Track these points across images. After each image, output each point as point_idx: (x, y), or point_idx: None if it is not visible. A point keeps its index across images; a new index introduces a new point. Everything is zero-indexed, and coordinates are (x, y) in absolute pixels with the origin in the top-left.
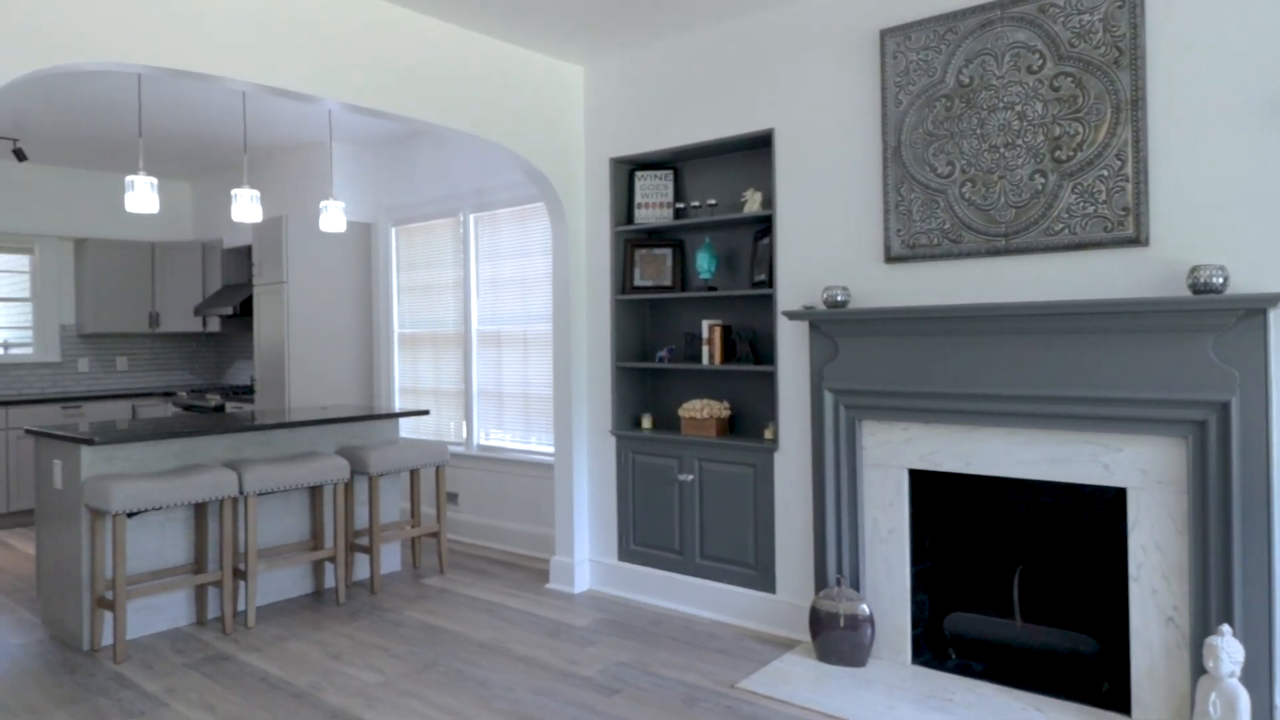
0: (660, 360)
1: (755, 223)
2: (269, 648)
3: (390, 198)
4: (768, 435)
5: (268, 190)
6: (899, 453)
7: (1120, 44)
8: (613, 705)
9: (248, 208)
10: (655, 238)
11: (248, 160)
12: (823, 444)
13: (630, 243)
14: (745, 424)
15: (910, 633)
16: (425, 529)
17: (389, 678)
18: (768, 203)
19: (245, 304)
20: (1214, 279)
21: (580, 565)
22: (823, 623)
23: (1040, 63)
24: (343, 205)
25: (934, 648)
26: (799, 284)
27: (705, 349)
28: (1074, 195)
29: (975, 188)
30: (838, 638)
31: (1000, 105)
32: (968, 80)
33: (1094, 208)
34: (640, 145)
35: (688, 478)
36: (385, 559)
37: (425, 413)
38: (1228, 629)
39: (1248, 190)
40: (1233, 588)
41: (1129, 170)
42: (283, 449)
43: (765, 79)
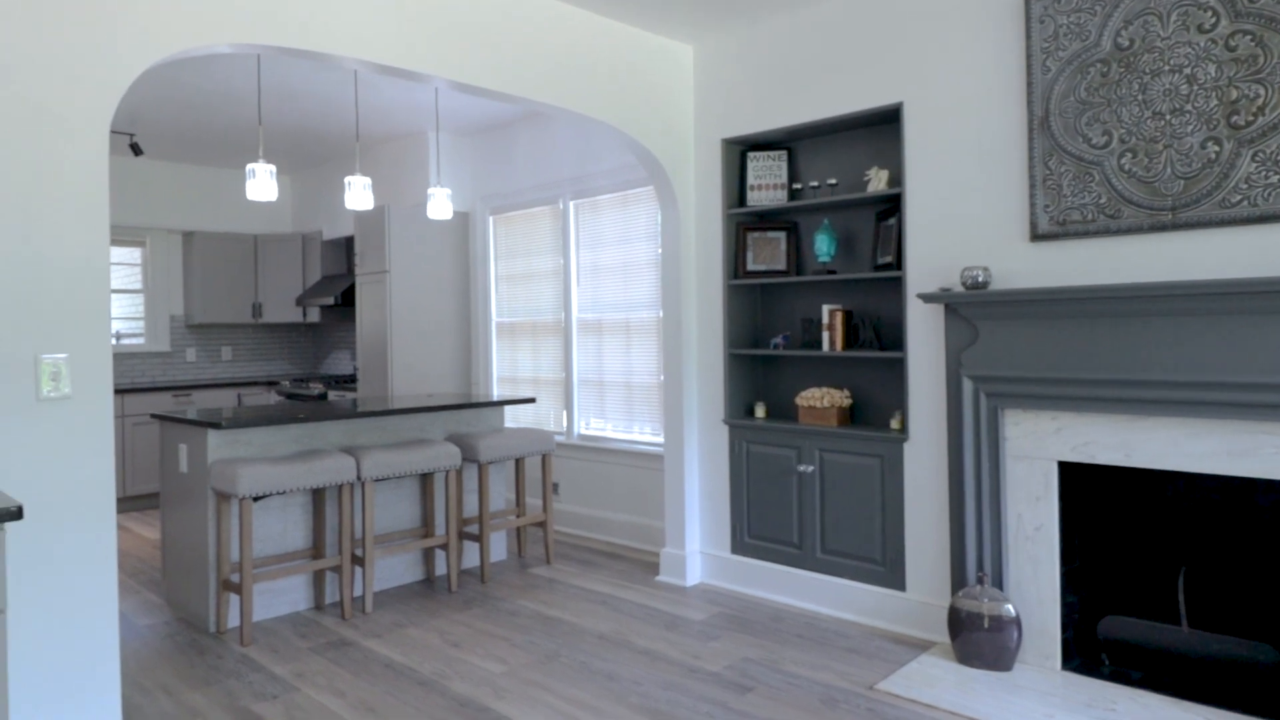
0: (775, 347)
1: (877, 203)
2: (389, 634)
3: (488, 186)
4: (894, 425)
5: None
6: (1047, 444)
7: None
8: (747, 703)
9: (360, 195)
10: (768, 221)
11: (348, 150)
12: (960, 434)
13: (742, 226)
14: (867, 413)
15: (1060, 636)
16: (531, 518)
17: (513, 667)
18: (895, 181)
19: (344, 294)
20: None
21: (691, 558)
22: (964, 623)
23: (1213, 21)
24: (448, 192)
25: (1085, 653)
26: (931, 265)
27: (825, 335)
28: (1254, 164)
29: (1136, 158)
30: (980, 640)
31: (1166, 68)
32: (1127, 43)
33: (1278, 177)
34: (752, 125)
35: (808, 469)
36: (492, 548)
37: (532, 400)
38: None
39: None
40: None
41: None
42: (395, 435)
43: (892, 50)
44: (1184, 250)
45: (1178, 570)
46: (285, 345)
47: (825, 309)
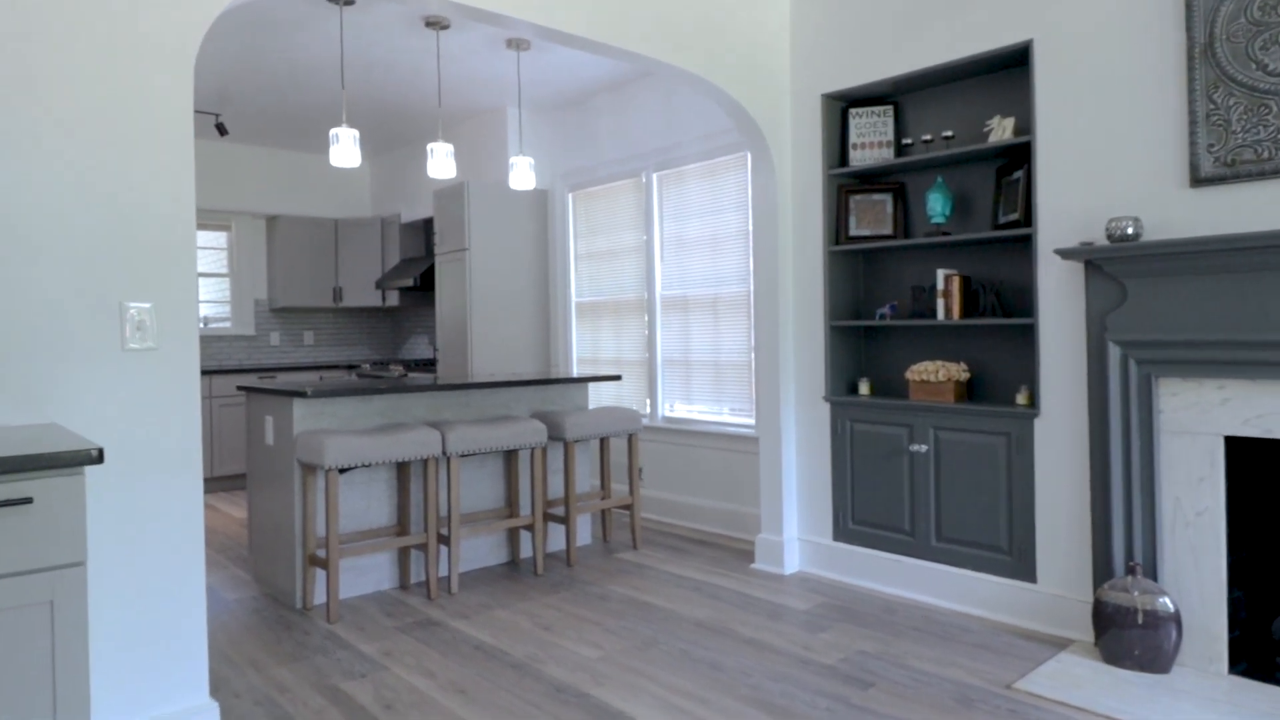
0: (881, 318)
1: (997, 157)
2: (477, 615)
3: (566, 163)
4: (1020, 400)
5: None
6: (1212, 417)
7: None
8: (871, 699)
9: (442, 163)
10: (872, 182)
11: (426, 130)
12: (1105, 407)
13: (844, 188)
14: (987, 387)
15: (1226, 636)
16: (617, 501)
17: (609, 653)
18: (1022, 129)
19: (423, 277)
20: None
21: (789, 544)
22: (1111, 618)
23: None
24: (531, 161)
25: (1253, 656)
26: (1067, 221)
27: (940, 303)
28: None
29: None
30: (1133, 637)
31: None
32: None
33: None
34: (855, 78)
35: (921, 448)
36: (577, 532)
37: (618, 377)
38: None
39: None
40: None
41: None
42: (480, 411)
43: None
44: None
45: None
46: (364, 329)
47: (940, 274)
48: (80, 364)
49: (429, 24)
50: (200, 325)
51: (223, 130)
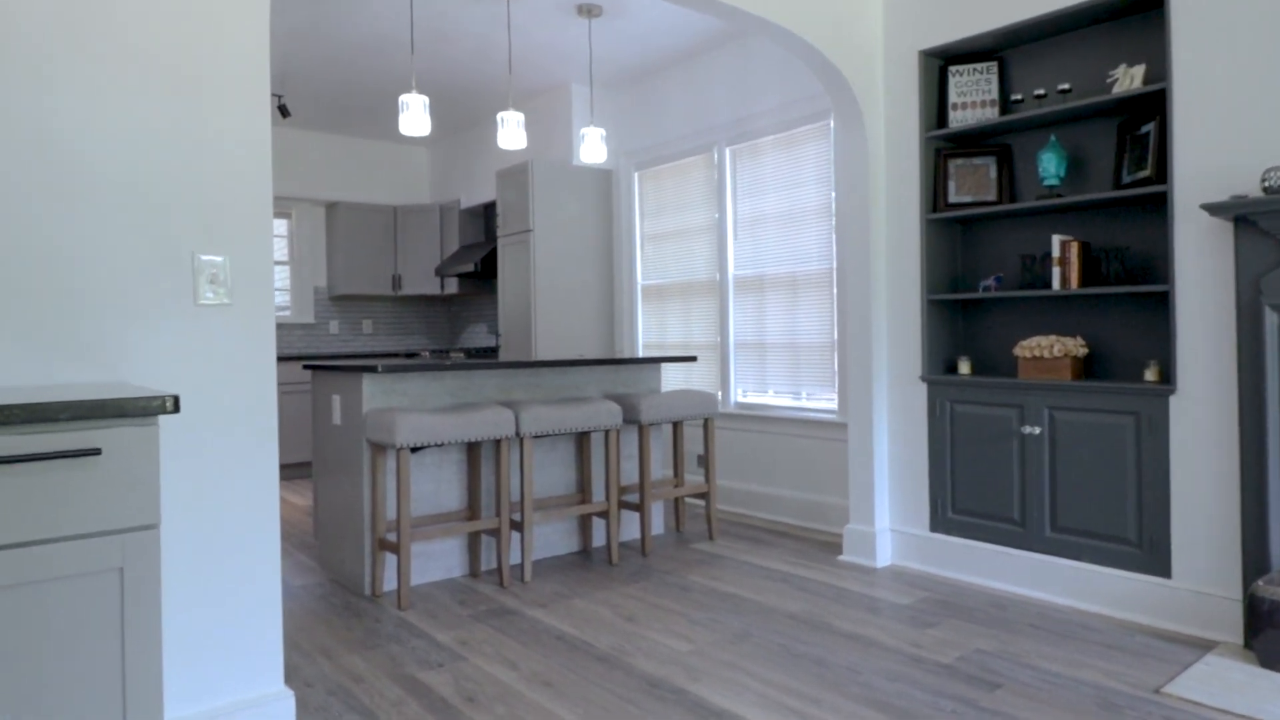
0: (985, 290)
1: (1117, 112)
2: (554, 604)
3: (631, 141)
4: (1150, 376)
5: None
6: None
7: None
8: (1000, 701)
9: (513, 133)
10: (972, 145)
11: (487, 114)
12: (1260, 384)
13: (942, 153)
14: (1107, 363)
15: None
16: (692, 488)
17: (700, 646)
18: (1154, 76)
19: (483, 262)
20: None
21: (881, 535)
22: (1269, 617)
23: None
24: (602, 132)
25: None
26: (1210, 176)
27: (1056, 271)
28: None
29: None
30: None
31: None
32: None
33: None
34: (954, 32)
35: (1034, 430)
36: (651, 520)
37: (693, 359)
38: None
39: None
40: None
41: None
42: (551, 392)
43: None
44: None
45: None
46: (423, 318)
47: (1056, 240)
48: (150, 320)
49: None
50: None
51: (285, 111)
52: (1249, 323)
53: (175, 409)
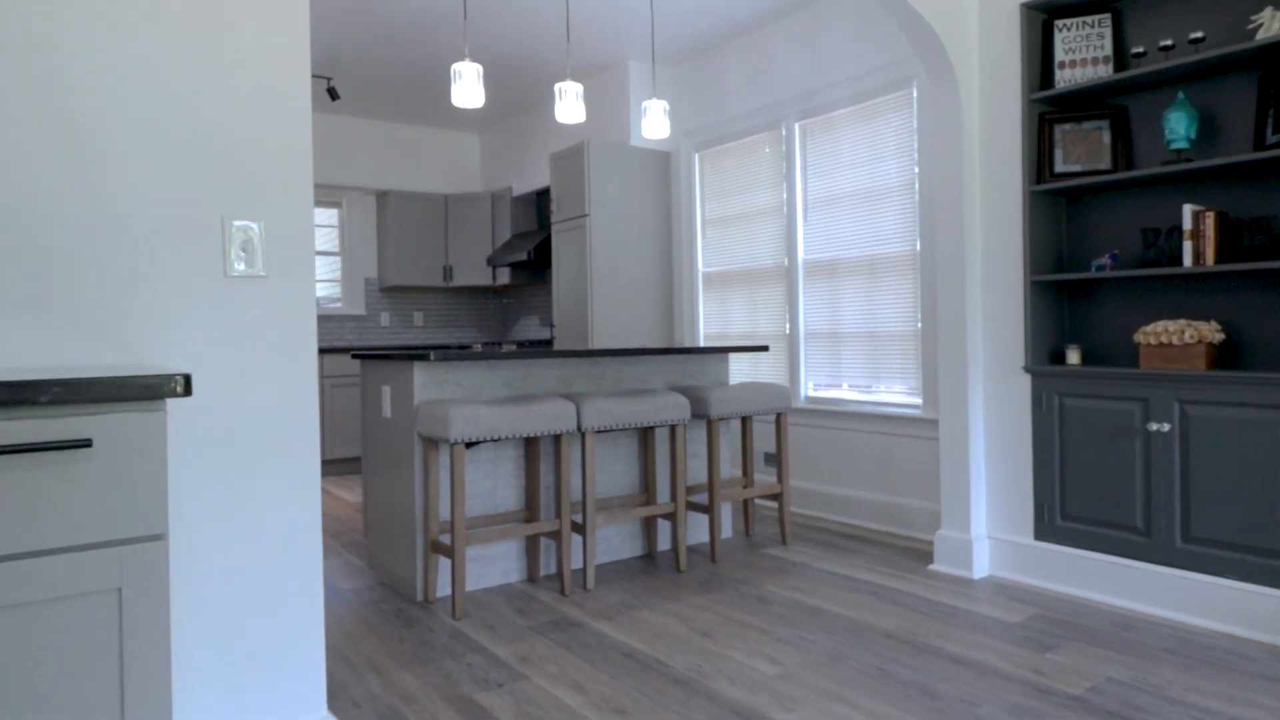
0: (1099, 269)
1: (1256, 65)
2: (620, 616)
3: (690, 121)
4: None
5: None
6: None
7: None
8: None
9: (572, 105)
10: (1081, 108)
11: (538, 98)
12: None
13: (1045, 118)
14: (1248, 351)
15: None
16: (762, 489)
17: (789, 669)
18: None
19: (536, 251)
20: None
21: (978, 543)
22: None
23: None
24: (665, 105)
25: None
26: None
27: (1188, 246)
28: None
29: None
30: None
31: None
32: None
33: None
34: None
35: (1162, 427)
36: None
37: (765, 348)
38: None
39: None
40: None
41: None
42: (613, 384)
43: None
44: None
45: None
46: (474, 310)
47: (1188, 210)
48: (173, 293)
49: None
50: None
51: (334, 95)
52: None
53: (186, 391)
